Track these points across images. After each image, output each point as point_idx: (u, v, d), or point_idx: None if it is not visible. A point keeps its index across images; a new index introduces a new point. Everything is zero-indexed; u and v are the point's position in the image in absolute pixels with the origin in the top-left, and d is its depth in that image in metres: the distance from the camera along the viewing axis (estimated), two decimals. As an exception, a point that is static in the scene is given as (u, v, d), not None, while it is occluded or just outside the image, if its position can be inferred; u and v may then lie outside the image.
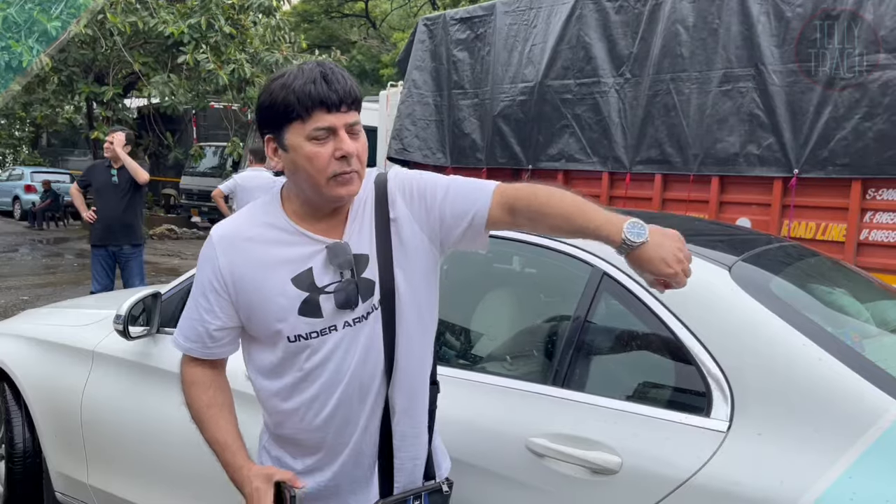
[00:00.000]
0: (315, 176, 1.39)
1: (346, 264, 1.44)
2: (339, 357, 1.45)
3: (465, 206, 1.48)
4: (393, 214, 1.49)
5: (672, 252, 1.38)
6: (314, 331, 1.45)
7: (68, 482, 2.83)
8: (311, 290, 1.44)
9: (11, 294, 8.79)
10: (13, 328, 3.23)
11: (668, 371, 1.77)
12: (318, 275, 1.44)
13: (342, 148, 1.38)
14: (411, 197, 1.50)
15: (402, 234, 1.49)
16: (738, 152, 5.09)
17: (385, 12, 29.00)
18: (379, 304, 1.46)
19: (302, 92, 1.36)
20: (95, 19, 11.78)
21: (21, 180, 19.58)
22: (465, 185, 1.52)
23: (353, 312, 1.45)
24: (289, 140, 1.40)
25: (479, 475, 1.79)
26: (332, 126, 1.37)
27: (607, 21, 5.97)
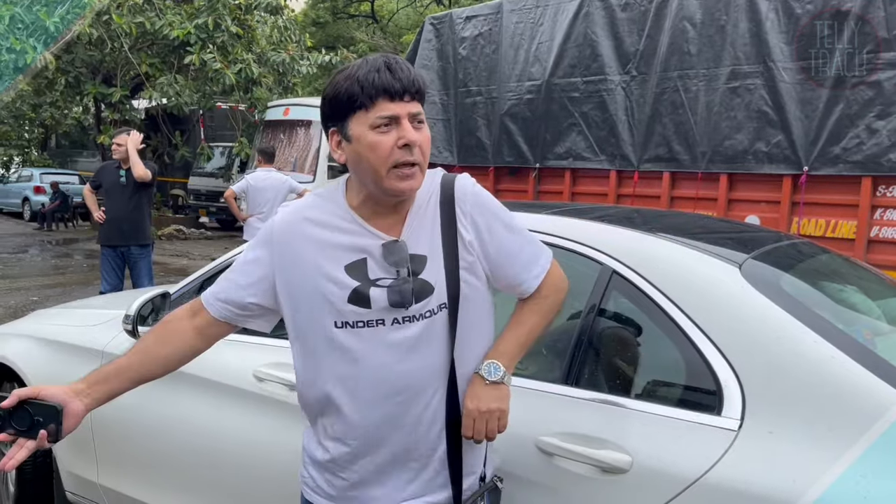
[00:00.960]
0: (377, 165, 1.39)
1: (401, 263, 1.44)
2: (382, 352, 1.45)
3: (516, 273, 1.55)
4: (462, 228, 1.49)
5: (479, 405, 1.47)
6: (361, 321, 1.44)
7: (78, 481, 2.84)
8: (362, 281, 1.44)
9: (21, 295, 8.84)
10: (23, 328, 3.24)
11: (678, 369, 1.76)
12: (372, 268, 1.45)
13: (405, 136, 1.38)
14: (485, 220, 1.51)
15: (469, 247, 1.49)
16: (746, 149, 5.08)
17: (391, 12, 29.01)
18: (440, 309, 1.46)
19: (366, 80, 1.37)
20: (101, 21, 11.83)
21: (30, 182, 19.68)
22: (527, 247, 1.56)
23: (405, 311, 1.44)
24: (352, 130, 1.40)
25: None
26: (395, 115, 1.38)
27: (614, 18, 5.96)
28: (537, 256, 1.56)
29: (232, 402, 2.26)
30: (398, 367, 1.45)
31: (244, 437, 2.22)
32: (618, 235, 1.98)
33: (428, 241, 1.46)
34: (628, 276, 1.82)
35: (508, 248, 1.52)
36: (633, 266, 1.83)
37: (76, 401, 1.47)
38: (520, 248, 1.54)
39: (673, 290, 1.75)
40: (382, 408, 1.46)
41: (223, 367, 2.35)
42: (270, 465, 2.15)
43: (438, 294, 1.45)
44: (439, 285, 1.45)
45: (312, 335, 1.49)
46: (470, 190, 1.52)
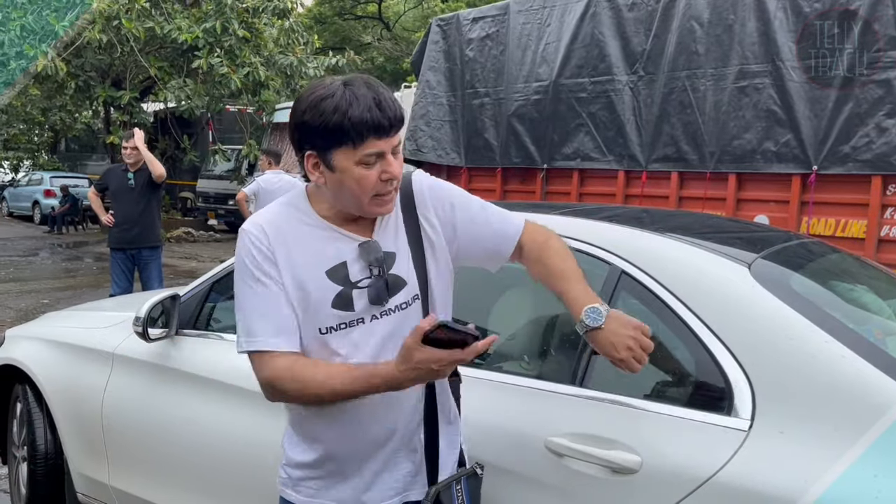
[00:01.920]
0: (359, 196, 1.45)
1: (377, 261, 1.50)
2: (364, 348, 1.50)
3: (493, 238, 1.63)
4: (423, 218, 1.57)
5: (623, 341, 1.46)
6: (343, 322, 1.50)
7: (90, 483, 2.85)
8: (344, 284, 1.49)
9: (32, 297, 8.89)
10: (34, 331, 3.26)
11: (688, 369, 1.76)
12: (352, 270, 1.50)
13: (388, 171, 1.44)
14: (443, 207, 1.60)
15: (432, 237, 1.58)
16: (755, 149, 5.05)
17: (398, 13, 29.03)
18: (413, 300, 1.54)
19: (359, 120, 1.38)
20: (111, 25, 11.90)
21: (40, 185, 19.81)
22: (495, 215, 1.65)
23: (381, 307, 1.51)
24: (336, 162, 1.43)
25: (498, 475, 1.78)
26: (381, 151, 1.42)
27: (621, 18, 5.95)
28: (506, 216, 1.65)
29: (241, 403, 2.27)
30: (380, 359, 1.48)
31: (253, 437, 2.22)
32: (627, 235, 1.98)
33: (394, 239, 1.54)
34: (637, 276, 1.82)
35: (475, 218, 1.62)
36: (642, 266, 1.83)
37: None
38: (486, 215, 1.64)
39: (682, 290, 1.75)
40: (365, 401, 1.48)
41: (232, 368, 2.36)
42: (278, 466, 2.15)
43: (410, 286, 1.53)
44: (411, 279, 1.53)
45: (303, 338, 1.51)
46: (426, 185, 1.61)
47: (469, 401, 1.89)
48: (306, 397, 1.48)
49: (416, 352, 1.34)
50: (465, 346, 1.34)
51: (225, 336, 2.50)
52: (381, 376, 1.41)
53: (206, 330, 2.60)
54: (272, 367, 1.47)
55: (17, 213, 20.82)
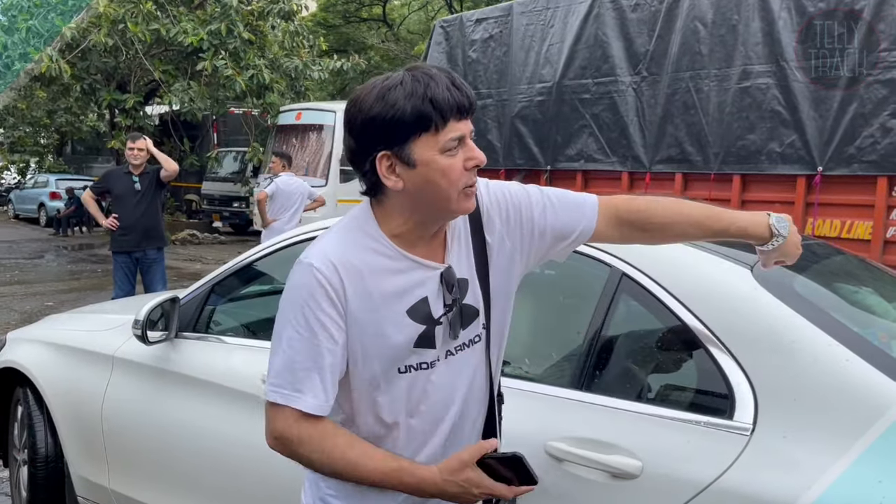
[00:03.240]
0: (448, 191, 1.26)
1: (456, 291, 1.34)
2: (447, 388, 1.37)
3: (570, 222, 1.44)
4: (489, 238, 1.40)
5: (798, 235, 1.52)
6: (424, 362, 1.34)
7: (90, 486, 2.84)
8: (427, 322, 1.32)
9: (37, 300, 8.91)
10: (35, 333, 3.26)
11: (689, 373, 1.74)
12: (433, 304, 1.33)
13: (474, 157, 1.27)
14: (507, 215, 1.41)
15: (497, 257, 1.41)
16: (759, 150, 5.03)
17: (403, 16, 29.06)
18: (485, 328, 1.40)
19: (441, 99, 1.22)
20: (117, 28, 11.94)
21: (46, 187, 19.87)
22: (564, 199, 1.45)
23: (455, 341, 1.36)
24: (417, 154, 1.24)
25: (497, 479, 1.77)
26: (462, 135, 1.26)
27: (624, 19, 5.93)
28: (575, 198, 1.47)
29: (240, 406, 2.26)
30: (463, 396, 1.39)
31: (253, 441, 2.20)
32: (627, 237, 1.95)
33: (466, 263, 1.37)
34: (638, 278, 1.80)
35: (549, 213, 1.42)
36: (642, 268, 1.81)
37: None
38: (559, 202, 1.44)
39: (683, 293, 1.73)
40: (435, 438, 1.38)
41: (231, 372, 2.35)
42: (279, 470, 2.14)
43: (481, 316, 1.39)
44: (479, 306, 1.38)
45: (379, 383, 1.34)
46: (486, 192, 1.42)
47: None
48: (322, 468, 1.32)
49: (470, 470, 1.25)
50: (509, 482, 1.27)
51: (225, 339, 2.49)
52: (419, 478, 1.28)
53: (206, 333, 2.59)
54: (299, 427, 1.28)
55: (22, 216, 20.89)
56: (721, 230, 1.46)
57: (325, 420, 1.30)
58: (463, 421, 1.41)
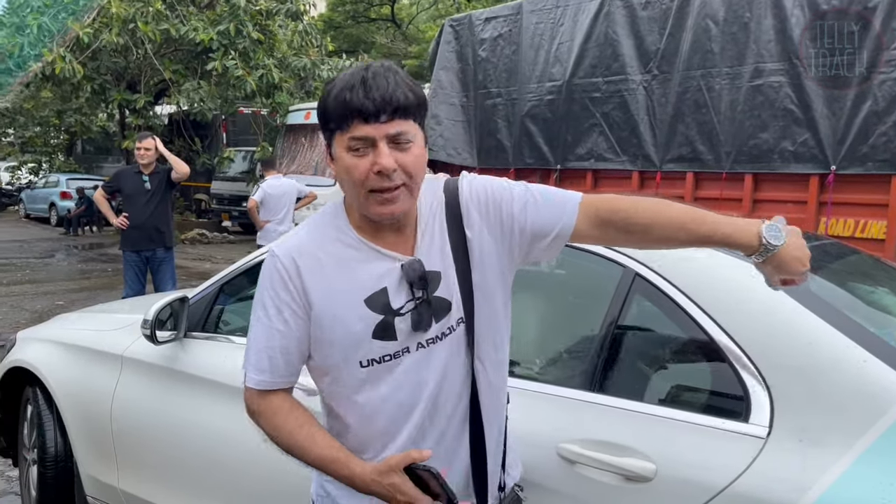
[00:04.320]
0: (355, 189, 1.30)
1: (420, 283, 1.34)
2: (414, 381, 1.37)
3: (549, 220, 1.39)
4: (469, 232, 1.39)
5: (803, 249, 1.34)
6: (388, 354, 1.36)
7: (99, 486, 2.84)
8: (386, 313, 1.34)
9: (48, 299, 8.95)
10: (45, 333, 3.26)
11: (703, 374, 1.71)
12: (393, 295, 1.34)
13: (378, 162, 1.26)
14: (487, 210, 1.40)
15: (479, 252, 1.39)
16: (772, 149, 4.99)
17: (411, 15, 29.06)
18: (458, 324, 1.38)
19: (338, 100, 1.27)
20: (127, 28, 11.98)
21: (57, 187, 19.96)
22: (547, 196, 1.41)
23: (426, 334, 1.36)
24: (335, 150, 1.32)
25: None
26: (368, 137, 1.26)
27: (635, 17, 5.90)
28: (558, 195, 1.41)
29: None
30: (432, 391, 1.38)
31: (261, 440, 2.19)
32: (640, 237, 1.93)
33: (440, 256, 1.37)
34: (651, 278, 1.78)
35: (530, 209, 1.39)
36: (656, 269, 1.78)
37: None
38: (532, 196, 1.40)
39: (697, 294, 1.70)
40: (410, 431, 1.39)
41: (239, 371, 2.34)
42: (288, 469, 2.12)
43: (456, 309, 1.37)
44: (456, 300, 1.37)
45: (341, 373, 1.38)
46: (466, 187, 1.42)
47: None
48: (277, 443, 1.40)
49: (396, 475, 1.26)
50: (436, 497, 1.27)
51: (233, 338, 2.48)
52: (351, 472, 1.32)
53: (215, 332, 2.58)
54: (256, 401, 1.40)
55: (33, 215, 21.00)
56: (705, 235, 1.35)
57: (282, 398, 1.39)
58: (436, 416, 1.39)
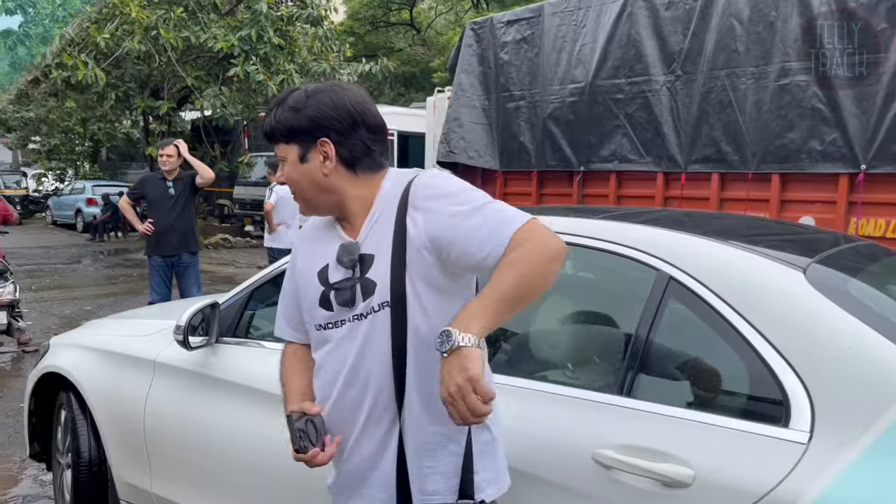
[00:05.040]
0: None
1: (349, 263, 1.52)
2: (343, 350, 1.54)
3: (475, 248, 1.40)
4: (409, 222, 1.48)
5: (448, 383, 1.26)
6: (329, 322, 1.56)
7: (133, 490, 2.87)
8: (325, 286, 1.56)
9: (76, 304, 9.07)
10: (77, 339, 3.30)
11: (741, 379, 1.69)
12: (332, 271, 1.56)
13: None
14: (429, 206, 1.47)
15: (415, 240, 1.47)
16: (799, 148, 4.92)
17: (430, 19, 29.11)
18: (381, 307, 1.49)
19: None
20: (150, 35, 12.11)
21: (83, 194, 20.23)
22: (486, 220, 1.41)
23: (352, 310, 1.52)
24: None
25: (544, 487, 1.74)
26: (281, 156, 1.59)
27: (658, 18, 5.85)
28: (500, 226, 1.39)
29: (282, 411, 2.25)
30: (352, 363, 1.53)
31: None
32: (674, 240, 1.92)
33: (379, 241, 1.51)
34: (686, 282, 1.76)
35: (462, 224, 1.41)
36: (691, 272, 1.77)
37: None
38: (477, 222, 1.41)
39: (734, 297, 1.69)
40: (344, 402, 1.55)
41: (272, 376, 2.34)
42: (321, 476, 2.13)
43: (380, 292, 1.49)
44: (382, 283, 1.49)
45: (311, 331, 1.64)
46: (424, 183, 1.50)
47: (511, 411, 1.86)
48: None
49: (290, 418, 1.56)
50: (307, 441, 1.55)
51: (265, 343, 2.49)
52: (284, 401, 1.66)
53: (246, 337, 2.59)
54: (284, 349, 1.76)
55: (60, 222, 21.30)
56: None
57: (293, 348, 1.73)
58: (352, 391, 1.53)
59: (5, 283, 6.43)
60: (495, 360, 2.16)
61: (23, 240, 15.15)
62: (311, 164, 1.54)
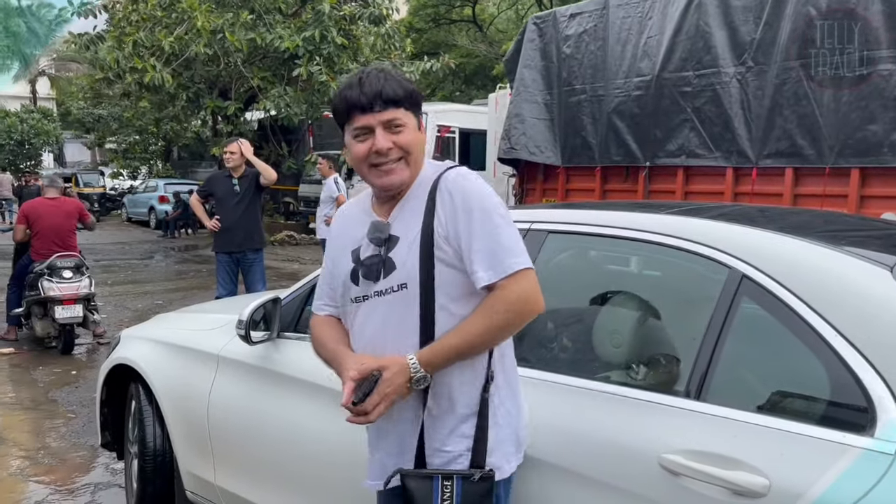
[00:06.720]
0: (360, 167, 1.63)
1: (377, 241, 1.63)
2: (363, 322, 1.66)
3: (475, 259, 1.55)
4: (437, 212, 1.59)
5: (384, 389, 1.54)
6: (359, 296, 1.66)
7: (197, 481, 2.92)
8: (356, 263, 1.67)
9: (147, 299, 9.38)
10: (146, 332, 3.39)
11: (821, 384, 1.58)
12: (363, 249, 1.66)
13: (375, 144, 1.58)
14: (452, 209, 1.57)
15: (440, 231, 1.58)
16: (881, 141, 4.68)
17: (492, 16, 29.00)
18: (400, 288, 1.59)
19: (340, 99, 1.62)
20: (216, 38, 12.42)
21: (155, 192, 20.95)
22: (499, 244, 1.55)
23: (375, 285, 1.62)
24: (346, 138, 1.65)
25: (608, 492, 1.68)
26: (366, 125, 1.59)
27: (728, 7, 5.66)
28: (502, 259, 1.54)
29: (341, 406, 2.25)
30: (377, 337, 1.62)
31: (354, 440, 2.19)
32: (747, 236, 1.82)
33: (406, 225, 1.62)
34: (761, 280, 1.67)
35: (475, 233, 1.55)
36: (766, 270, 1.67)
37: None
38: (489, 241, 1.55)
39: (814, 297, 1.58)
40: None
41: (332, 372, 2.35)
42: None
43: (400, 273, 1.59)
44: (404, 265, 1.59)
45: (346, 304, 1.72)
46: (453, 178, 1.61)
47: (574, 411, 1.80)
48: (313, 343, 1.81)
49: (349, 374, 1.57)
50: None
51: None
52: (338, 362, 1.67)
53: (307, 333, 2.60)
54: (312, 320, 1.84)
55: (134, 219, 22.11)
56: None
57: (327, 318, 1.79)
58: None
59: (81, 278, 6.68)
60: (557, 358, 2.10)
61: (100, 236, 15.75)
62: (420, 133, 1.65)
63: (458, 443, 1.60)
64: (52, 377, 5.91)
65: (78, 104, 27.76)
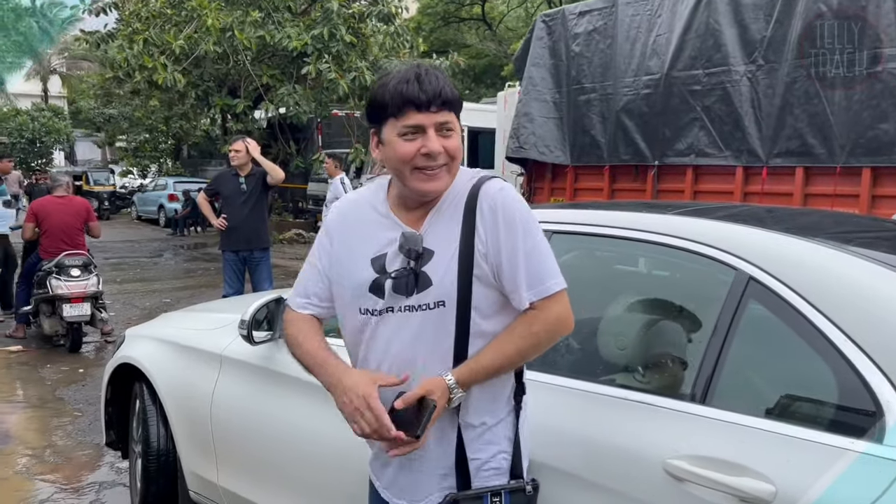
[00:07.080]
0: (401, 168, 1.51)
1: (412, 254, 1.53)
2: (388, 337, 1.55)
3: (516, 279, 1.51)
4: (478, 229, 1.51)
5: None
6: (377, 308, 1.56)
7: (200, 482, 2.91)
8: (380, 273, 1.55)
9: (156, 297, 9.40)
10: (150, 331, 3.38)
11: (828, 389, 1.55)
12: (390, 259, 1.55)
13: (427, 146, 1.48)
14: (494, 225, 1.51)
15: (480, 247, 1.51)
16: (893, 140, 4.63)
17: (501, 14, 28.94)
18: (437, 305, 1.51)
19: (395, 91, 1.48)
20: (225, 37, 12.43)
21: (165, 190, 21.02)
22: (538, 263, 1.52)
23: (407, 300, 1.53)
24: (385, 135, 1.53)
25: (611, 497, 1.65)
26: (420, 124, 1.48)
27: (738, 5, 5.61)
28: (543, 279, 1.51)
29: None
30: (405, 353, 1.54)
31: (356, 442, 2.17)
32: (755, 237, 1.79)
33: (442, 239, 1.53)
34: (768, 283, 1.64)
35: (519, 253, 1.50)
36: (773, 272, 1.64)
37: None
38: (528, 259, 1.51)
39: (823, 300, 1.55)
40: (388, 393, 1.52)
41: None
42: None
43: (437, 291, 1.51)
44: (441, 283, 1.51)
45: (347, 313, 1.62)
46: (493, 194, 1.53)
47: (576, 415, 1.78)
48: (289, 346, 1.70)
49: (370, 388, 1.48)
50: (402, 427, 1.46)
51: (328, 339, 2.47)
52: (330, 374, 1.56)
53: (310, 333, 2.58)
54: (290, 314, 1.71)
55: (144, 217, 22.20)
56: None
57: (306, 317, 1.68)
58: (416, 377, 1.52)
59: (89, 276, 6.70)
60: (561, 361, 2.07)
61: (110, 234, 15.81)
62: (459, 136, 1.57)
63: (499, 457, 1.58)
64: (60, 375, 5.93)
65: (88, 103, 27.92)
